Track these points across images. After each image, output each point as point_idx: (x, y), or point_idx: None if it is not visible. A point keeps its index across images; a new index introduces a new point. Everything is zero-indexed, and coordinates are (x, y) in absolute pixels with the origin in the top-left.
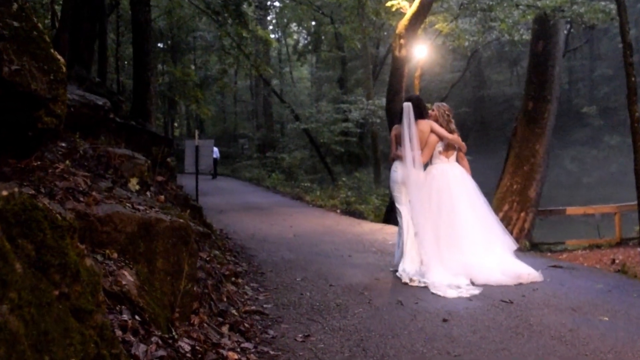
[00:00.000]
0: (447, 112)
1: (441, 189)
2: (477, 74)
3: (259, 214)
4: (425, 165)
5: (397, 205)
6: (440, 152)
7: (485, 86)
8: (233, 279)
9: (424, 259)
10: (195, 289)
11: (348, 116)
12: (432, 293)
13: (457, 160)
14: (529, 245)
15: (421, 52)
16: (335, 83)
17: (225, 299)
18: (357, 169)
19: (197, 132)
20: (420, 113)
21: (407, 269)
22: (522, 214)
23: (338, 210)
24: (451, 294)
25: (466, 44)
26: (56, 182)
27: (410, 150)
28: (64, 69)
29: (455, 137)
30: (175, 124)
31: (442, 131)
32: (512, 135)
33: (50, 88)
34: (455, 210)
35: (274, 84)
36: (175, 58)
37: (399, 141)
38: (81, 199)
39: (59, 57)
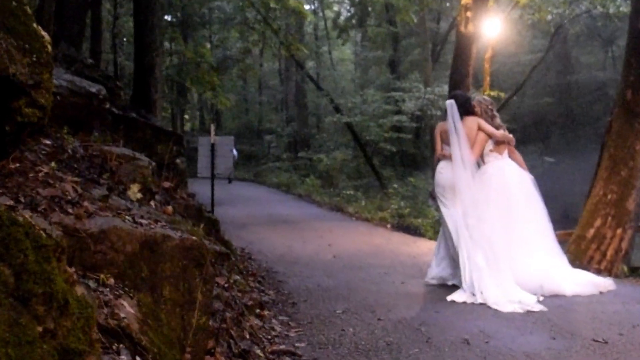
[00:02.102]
0: (489, 107)
1: (500, 189)
2: (562, 56)
3: (290, 229)
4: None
5: (442, 208)
6: (491, 150)
7: (573, 70)
8: (257, 310)
9: (482, 271)
10: (210, 323)
11: (401, 107)
12: (505, 327)
13: (509, 155)
14: (627, 270)
15: (493, 28)
16: (385, 66)
17: (247, 336)
18: (412, 172)
19: (213, 127)
20: (467, 111)
21: (462, 283)
22: (619, 231)
23: (388, 225)
24: (506, 307)
25: (549, 17)
26: (39, 189)
27: (459, 148)
28: (50, 48)
29: (503, 134)
30: (186, 117)
31: (490, 129)
32: (606, 131)
33: (33, 72)
34: (519, 213)
35: (309, 67)
36: (187, 34)
37: (445, 139)
38: (70, 210)
39: (44, 33)
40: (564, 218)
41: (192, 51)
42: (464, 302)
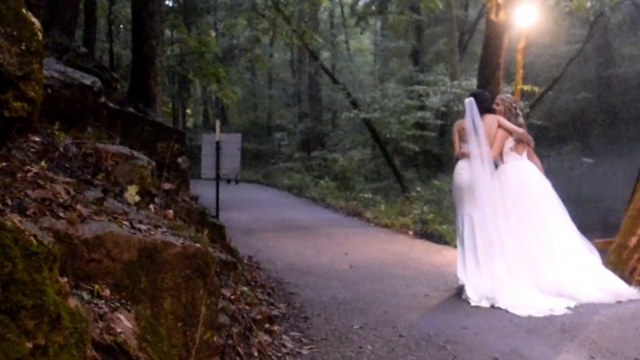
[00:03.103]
0: (513, 105)
1: (519, 189)
2: (602, 47)
3: (302, 235)
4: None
5: (459, 211)
6: (511, 149)
7: (614, 63)
8: (267, 325)
9: (501, 279)
10: (215, 339)
11: (425, 102)
12: (541, 345)
13: (528, 158)
14: None
15: (526, 16)
16: (408, 57)
17: (256, 353)
18: (436, 174)
19: (218, 123)
20: (486, 109)
21: (479, 288)
22: None
23: (410, 232)
24: (523, 311)
25: (588, 4)
26: (28, 190)
27: (478, 147)
28: (40, 35)
29: (524, 131)
30: (188, 111)
31: (511, 125)
32: None
33: (22, 62)
34: (539, 214)
35: (324, 58)
36: (190, 21)
37: (462, 138)
38: (61, 214)
39: (34, 19)
40: (604, 225)
41: (196, 40)
42: (486, 310)
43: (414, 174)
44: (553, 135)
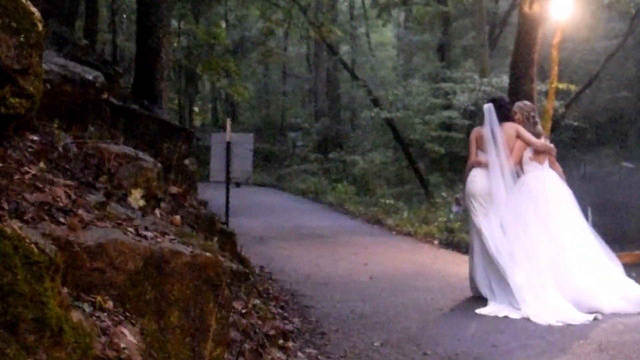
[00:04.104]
0: (532, 114)
1: (541, 200)
2: None
3: (318, 244)
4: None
5: (474, 219)
6: (530, 158)
7: None
8: (280, 341)
9: (522, 289)
10: (226, 355)
11: (452, 101)
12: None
13: (549, 166)
14: None
15: (562, 9)
16: (434, 52)
17: None
18: (463, 179)
19: (228, 122)
20: (505, 116)
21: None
22: None
23: (435, 241)
24: (546, 320)
25: None
26: (25, 194)
27: (497, 156)
28: (40, 26)
29: (543, 143)
30: (196, 109)
31: (530, 137)
32: None
33: (20, 55)
34: (561, 224)
35: (343, 52)
36: (198, 11)
37: (480, 146)
38: (61, 219)
39: (34, 9)
40: None
41: (205, 31)
42: (516, 327)
43: (439, 179)
44: (590, 137)
